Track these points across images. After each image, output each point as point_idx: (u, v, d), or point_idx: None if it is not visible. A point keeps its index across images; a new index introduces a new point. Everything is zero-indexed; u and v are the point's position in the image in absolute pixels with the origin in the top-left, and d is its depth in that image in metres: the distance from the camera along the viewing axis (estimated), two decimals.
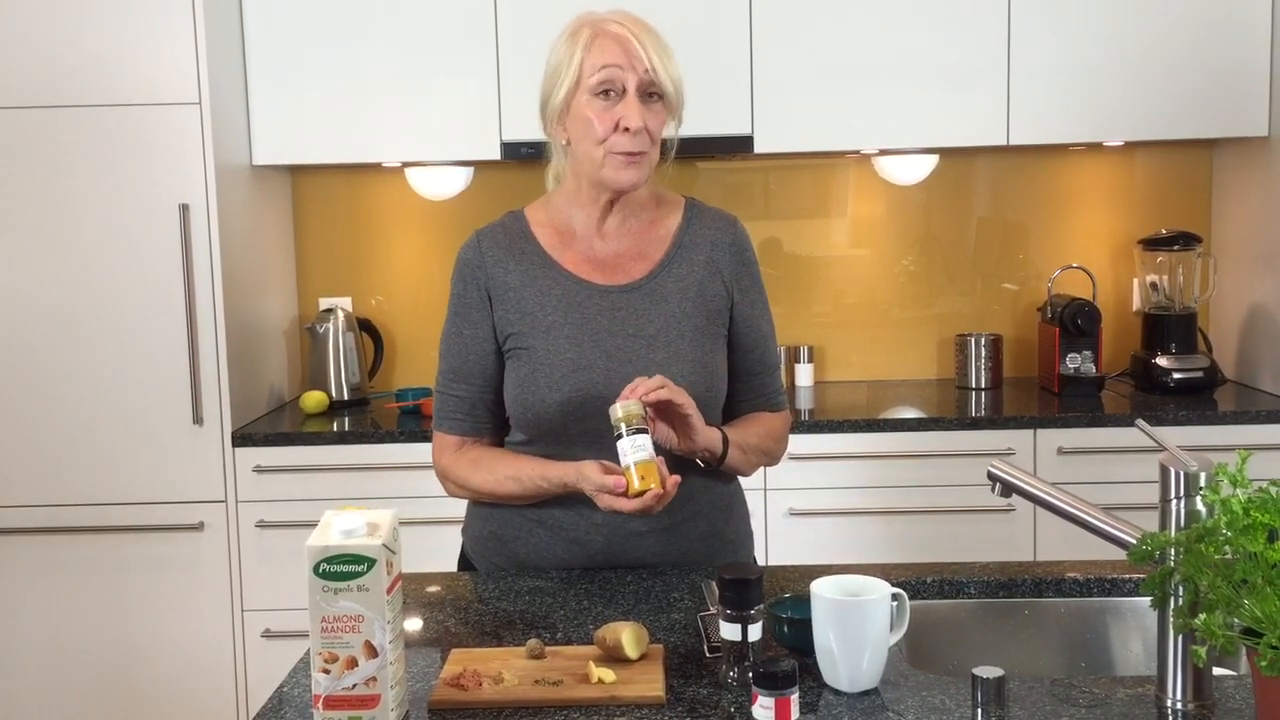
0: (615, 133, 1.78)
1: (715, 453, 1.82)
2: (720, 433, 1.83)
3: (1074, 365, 3.43)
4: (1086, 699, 1.37)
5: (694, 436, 1.76)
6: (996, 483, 1.58)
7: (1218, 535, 1.21)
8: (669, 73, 1.80)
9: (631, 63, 1.77)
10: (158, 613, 3.18)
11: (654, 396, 1.69)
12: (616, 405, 1.67)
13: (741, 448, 1.86)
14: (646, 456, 1.65)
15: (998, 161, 3.75)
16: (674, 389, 1.72)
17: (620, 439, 1.66)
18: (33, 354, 3.13)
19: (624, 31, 1.79)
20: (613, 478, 1.67)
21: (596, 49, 1.78)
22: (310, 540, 1.29)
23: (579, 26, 1.82)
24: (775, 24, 3.32)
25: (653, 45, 1.79)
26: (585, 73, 1.78)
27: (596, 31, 1.80)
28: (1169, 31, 3.31)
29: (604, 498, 1.69)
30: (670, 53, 1.82)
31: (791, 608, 1.51)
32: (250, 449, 3.17)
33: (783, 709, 1.29)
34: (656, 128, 1.81)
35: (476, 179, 3.73)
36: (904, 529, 3.18)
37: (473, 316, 1.88)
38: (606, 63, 1.77)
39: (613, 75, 1.77)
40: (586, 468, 1.72)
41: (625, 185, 1.82)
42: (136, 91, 3.08)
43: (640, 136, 1.78)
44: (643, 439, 1.65)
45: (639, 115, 1.77)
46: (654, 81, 1.78)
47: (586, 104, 1.79)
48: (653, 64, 1.78)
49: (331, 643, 1.29)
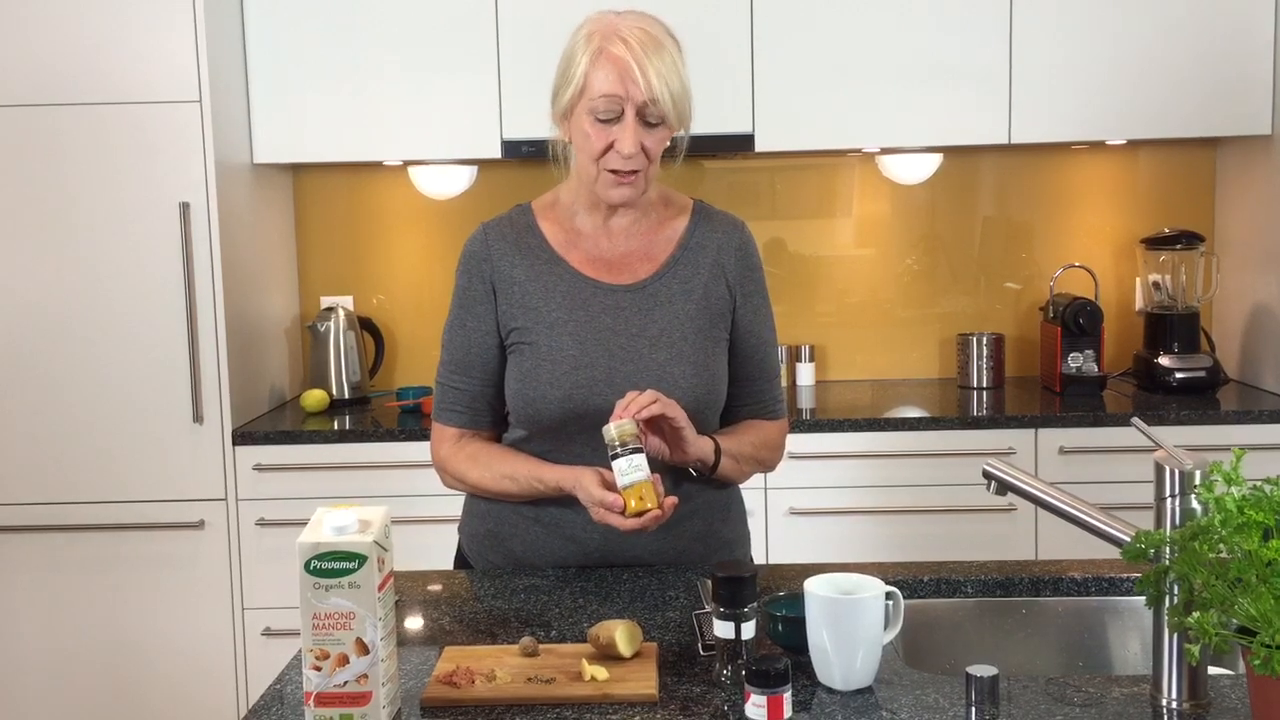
0: (610, 152, 1.76)
1: (707, 463, 1.81)
2: (712, 442, 1.82)
3: (1076, 365, 3.42)
4: (1081, 698, 1.36)
5: (686, 448, 1.76)
6: (991, 481, 1.57)
7: (1212, 533, 1.20)
8: (671, 92, 1.75)
9: (629, 90, 1.74)
10: (158, 611, 3.18)
11: (647, 413, 1.68)
12: (610, 425, 1.66)
13: (734, 457, 1.86)
14: (643, 477, 1.65)
15: (1000, 160, 3.74)
16: (666, 403, 1.71)
17: (615, 458, 1.65)
18: (33, 352, 3.13)
19: (626, 56, 1.73)
20: (611, 495, 1.67)
21: (599, 71, 1.74)
22: (301, 537, 1.29)
23: (593, 30, 1.78)
24: (776, 22, 3.31)
25: (655, 68, 1.74)
26: (588, 90, 1.76)
27: (601, 49, 1.75)
28: (1172, 30, 3.29)
29: (599, 511, 1.69)
30: (675, 67, 1.77)
31: (786, 606, 1.51)
32: (250, 447, 3.17)
33: (775, 707, 1.29)
34: (653, 146, 1.78)
35: (478, 177, 3.73)
36: (905, 528, 3.17)
37: (477, 310, 1.87)
38: (605, 92, 1.74)
39: (611, 105, 1.75)
40: (585, 478, 1.72)
41: (617, 202, 1.82)
42: (137, 89, 3.08)
43: (636, 158, 1.76)
44: (639, 459, 1.65)
45: (634, 141, 1.75)
46: (652, 107, 1.75)
47: (586, 119, 1.77)
48: (652, 91, 1.73)
49: (323, 640, 1.29)
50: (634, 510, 1.65)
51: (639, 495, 1.64)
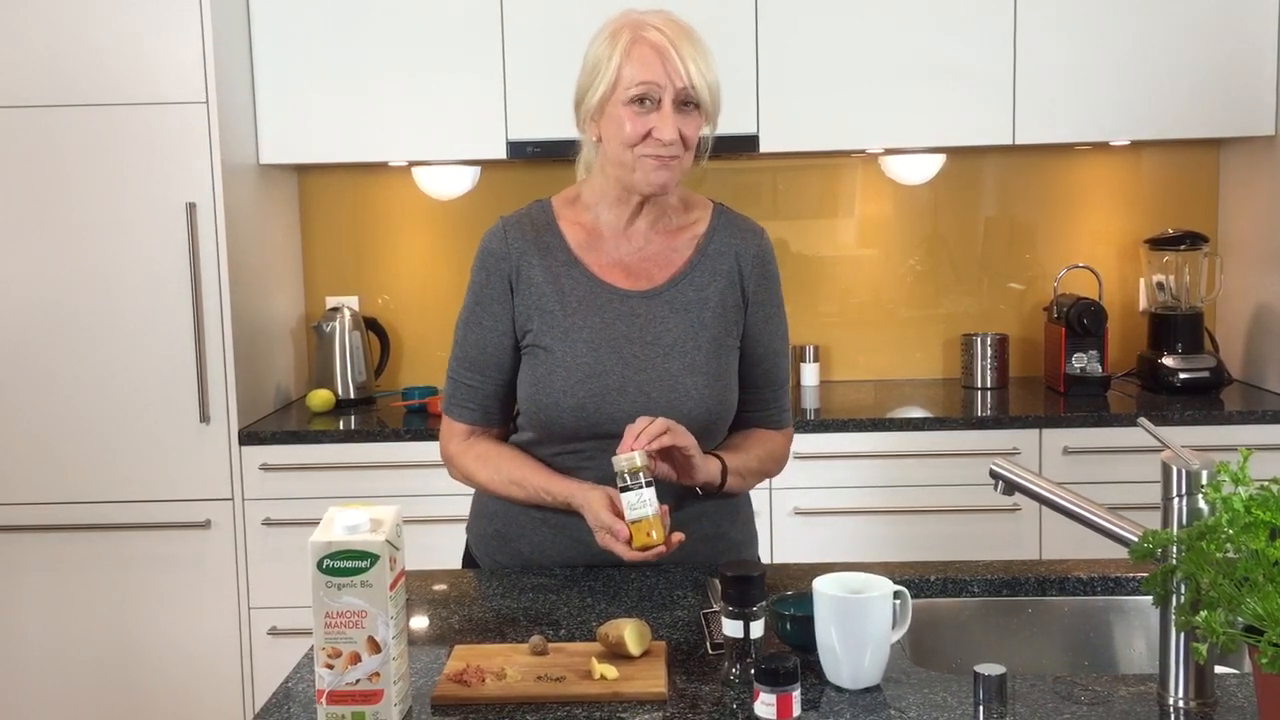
0: (648, 139, 1.77)
1: (714, 484, 1.82)
2: (719, 463, 1.82)
3: (1080, 365, 3.43)
4: (1088, 697, 1.37)
5: (694, 474, 1.77)
6: (999, 481, 1.58)
7: (1219, 533, 1.21)
8: (706, 80, 1.77)
9: (670, 76, 1.75)
10: (164, 610, 3.19)
11: (658, 444, 1.69)
12: (620, 457, 1.66)
13: (740, 474, 1.86)
14: (652, 512, 1.65)
15: (1004, 161, 3.75)
16: (676, 431, 1.71)
17: (625, 491, 1.65)
18: (40, 352, 3.14)
19: (663, 40, 1.75)
20: (619, 524, 1.67)
21: (635, 59, 1.76)
22: (314, 536, 1.30)
23: (619, 27, 1.79)
24: (781, 23, 3.32)
25: (690, 54, 1.76)
26: (623, 82, 1.76)
27: (635, 37, 1.77)
28: (1176, 31, 3.30)
29: (605, 536, 1.69)
30: (709, 56, 1.79)
31: (794, 605, 1.51)
32: (257, 447, 3.18)
33: (784, 706, 1.29)
34: (691, 134, 1.79)
35: (483, 178, 3.74)
36: (909, 528, 3.18)
37: (493, 308, 1.87)
38: (644, 79, 1.75)
39: (649, 90, 1.75)
40: (594, 501, 1.72)
41: (656, 188, 1.80)
42: (144, 91, 3.09)
43: (674, 145, 1.77)
44: (648, 493, 1.65)
45: (673, 127, 1.75)
46: (690, 91, 1.76)
47: (622, 109, 1.77)
48: (690, 77, 1.75)
49: (335, 638, 1.29)
50: (640, 545, 1.65)
51: (647, 531, 1.65)
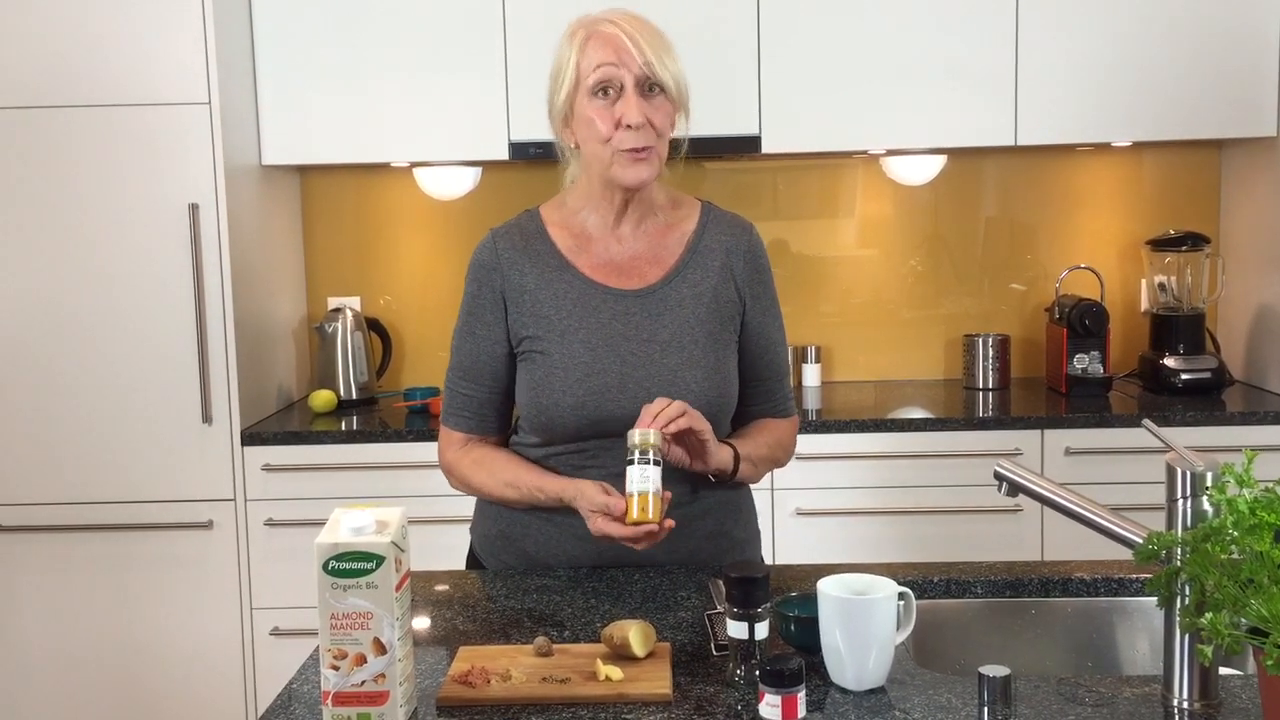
0: (619, 130, 1.77)
1: (726, 470, 1.83)
2: (731, 449, 1.84)
3: (1081, 366, 3.43)
4: (1092, 698, 1.37)
5: (708, 459, 1.78)
6: (1003, 482, 1.58)
7: (1224, 535, 1.21)
8: (667, 66, 1.79)
9: (624, 59, 1.77)
10: (167, 611, 3.19)
11: (675, 427, 1.70)
12: (635, 431, 1.66)
13: (751, 461, 1.88)
14: (653, 490, 1.65)
15: (1005, 162, 3.75)
16: (693, 415, 1.73)
17: (631, 464, 1.65)
18: (42, 353, 3.14)
19: (616, 30, 1.78)
20: (614, 499, 1.68)
21: (591, 49, 1.78)
22: (319, 538, 1.30)
23: (575, 28, 1.83)
24: (783, 24, 3.32)
25: (647, 40, 1.78)
26: (582, 73, 1.79)
27: (590, 32, 1.80)
28: (1177, 32, 3.30)
29: (598, 520, 1.70)
30: (668, 47, 1.81)
31: (798, 606, 1.52)
32: (259, 448, 3.18)
33: (789, 707, 1.30)
34: (662, 121, 1.80)
35: (484, 179, 3.74)
36: (911, 529, 3.18)
37: (486, 318, 1.88)
38: (600, 61, 1.77)
39: (608, 74, 1.77)
40: (587, 487, 1.74)
41: (634, 182, 1.81)
42: (146, 91, 3.09)
43: (644, 131, 1.77)
44: (654, 471, 1.65)
45: (638, 111, 1.76)
46: (651, 75, 1.77)
47: (587, 104, 1.79)
48: (647, 58, 1.77)
49: (340, 639, 1.30)
50: (634, 519, 1.65)
51: (643, 505, 1.64)
